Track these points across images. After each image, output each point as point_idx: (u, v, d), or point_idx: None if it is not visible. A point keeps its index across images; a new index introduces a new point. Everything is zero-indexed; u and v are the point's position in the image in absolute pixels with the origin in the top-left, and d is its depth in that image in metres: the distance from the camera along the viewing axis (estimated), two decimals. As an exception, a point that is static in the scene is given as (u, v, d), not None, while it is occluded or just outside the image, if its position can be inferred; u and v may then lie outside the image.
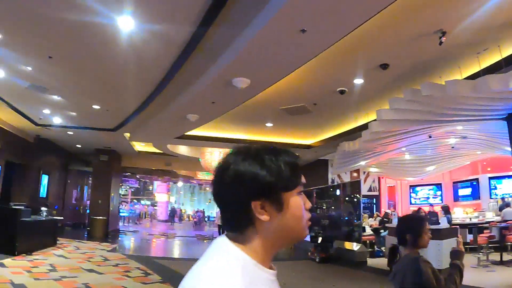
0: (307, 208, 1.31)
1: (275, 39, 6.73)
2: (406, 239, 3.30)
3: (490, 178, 16.55)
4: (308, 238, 16.78)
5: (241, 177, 1.23)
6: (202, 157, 19.81)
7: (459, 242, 3.42)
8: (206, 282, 1.11)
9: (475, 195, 17.01)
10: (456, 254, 3.36)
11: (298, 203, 1.28)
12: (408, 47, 7.73)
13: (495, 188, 16.34)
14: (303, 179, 1.31)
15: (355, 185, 16.81)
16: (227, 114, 11.85)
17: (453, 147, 13.16)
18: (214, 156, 19.23)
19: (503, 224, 12.90)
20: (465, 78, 8.47)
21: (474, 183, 17.12)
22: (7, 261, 10.81)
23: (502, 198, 15.33)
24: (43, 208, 14.80)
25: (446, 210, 15.33)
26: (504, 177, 16.16)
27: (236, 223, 1.27)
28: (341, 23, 6.12)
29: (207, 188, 50.70)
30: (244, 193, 1.23)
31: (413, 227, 3.33)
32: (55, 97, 12.09)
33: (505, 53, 7.84)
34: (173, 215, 44.64)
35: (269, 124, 14.16)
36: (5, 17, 7.25)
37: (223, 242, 1.25)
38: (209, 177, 28.73)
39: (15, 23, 7.47)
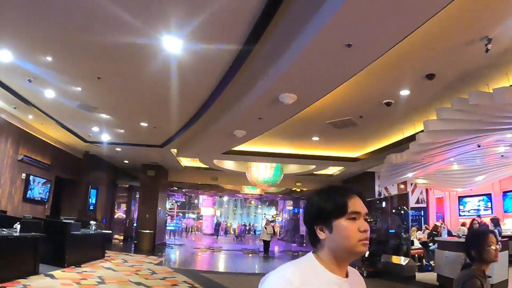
0: (361, 230, 1.71)
1: (321, 55, 6.77)
2: (473, 256, 3.32)
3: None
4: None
5: (307, 208, 1.83)
6: (248, 172, 19.92)
7: None
8: (280, 267, 1.67)
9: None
10: None
11: (345, 226, 1.69)
12: (454, 56, 7.65)
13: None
14: (355, 208, 1.73)
15: (403, 198, 16.55)
16: (273, 129, 11.95)
17: (502, 156, 12.88)
18: (260, 170, 19.33)
19: None
20: (512, 85, 8.34)
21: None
22: (57, 272, 11.03)
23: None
24: (92, 222, 15.14)
25: (496, 222, 15.00)
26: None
27: (311, 240, 1.81)
28: (386, 36, 6.12)
29: (252, 202, 50.88)
30: (311, 219, 1.79)
31: (476, 243, 3.33)
32: (104, 116, 12.45)
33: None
34: (218, 229, 44.92)
35: (315, 138, 14.19)
36: (54, 41, 7.60)
37: (308, 253, 1.78)
38: (255, 191, 28.91)
39: (64, 47, 7.82)
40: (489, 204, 18.43)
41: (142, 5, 6.20)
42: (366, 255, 15.16)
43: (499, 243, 3.41)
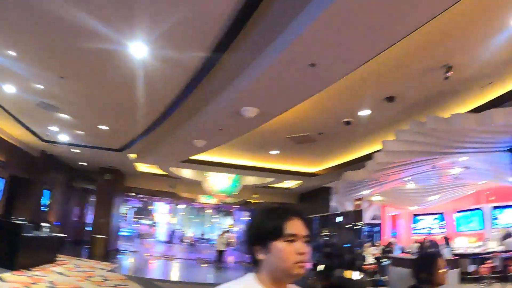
0: (298, 253, 1.73)
1: (285, 72, 6.83)
2: (422, 279, 3.37)
3: (493, 207, 16.43)
4: (309, 266, 16.75)
5: (248, 228, 1.87)
6: (205, 181, 19.85)
7: None
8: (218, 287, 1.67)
9: (478, 224, 16.91)
10: None
11: (282, 249, 1.73)
12: (415, 81, 7.86)
13: (498, 218, 16.24)
14: (292, 230, 1.76)
15: (358, 214, 16.80)
16: (233, 140, 11.95)
17: (456, 177, 13.19)
18: (217, 180, 19.28)
19: (505, 255, 12.91)
20: (469, 111, 8.59)
21: (477, 212, 17.01)
22: (6, 275, 10.64)
23: (505, 228, 15.23)
24: (44, 224, 14.73)
25: (447, 241, 15.32)
26: (507, 206, 16.04)
27: (252, 260, 1.82)
28: (349, 59, 6.24)
29: (208, 211, 50.61)
30: (250, 239, 1.83)
31: (425, 266, 3.38)
32: (64, 116, 12.21)
33: (510, 88, 7.99)
34: (173, 237, 44.47)
35: (274, 152, 14.25)
36: (20, 37, 7.43)
37: (248, 273, 1.80)
38: (212, 200, 28.79)
39: (30, 43, 7.65)
40: (442, 223, 18.76)
41: (109, 10, 6.15)
42: (322, 269, 15.24)
43: (447, 266, 3.47)
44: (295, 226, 1.77)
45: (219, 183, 19.46)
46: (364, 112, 9.60)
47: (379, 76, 7.69)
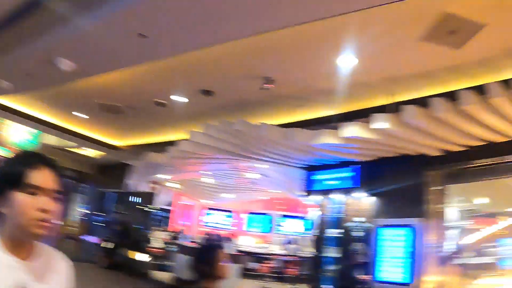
0: (40, 209, 1.48)
1: (112, 35, 6.59)
2: (203, 271, 3.22)
3: (281, 215, 17.85)
4: (97, 241, 16.46)
5: None
6: (1, 129, 18.38)
7: None
8: None
9: (265, 227, 18.09)
10: None
11: (21, 201, 1.47)
12: (235, 82, 8.13)
13: (282, 226, 17.64)
14: (35, 181, 1.50)
15: (151, 196, 16.82)
16: (40, 92, 11.21)
17: (253, 182, 13.86)
18: (15, 132, 17.95)
19: (285, 258, 14.72)
20: (277, 125, 9.02)
21: (266, 217, 18.20)
22: None
23: (286, 235, 16.72)
24: None
25: (230, 238, 16.10)
26: (291, 216, 17.61)
27: None
28: (181, 41, 6.29)
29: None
30: None
31: (206, 258, 3.25)
32: None
33: (317, 114, 8.64)
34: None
35: (81, 115, 13.52)
36: None
37: None
38: (4, 153, 26.73)
39: None
40: (231, 219, 19.61)
41: None
42: (111, 247, 15.08)
43: (229, 260, 3.44)
44: (41, 177, 1.52)
45: (16, 135, 18.13)
46: (179, 98, 9.64)
47: (202, 68, 7.78)
